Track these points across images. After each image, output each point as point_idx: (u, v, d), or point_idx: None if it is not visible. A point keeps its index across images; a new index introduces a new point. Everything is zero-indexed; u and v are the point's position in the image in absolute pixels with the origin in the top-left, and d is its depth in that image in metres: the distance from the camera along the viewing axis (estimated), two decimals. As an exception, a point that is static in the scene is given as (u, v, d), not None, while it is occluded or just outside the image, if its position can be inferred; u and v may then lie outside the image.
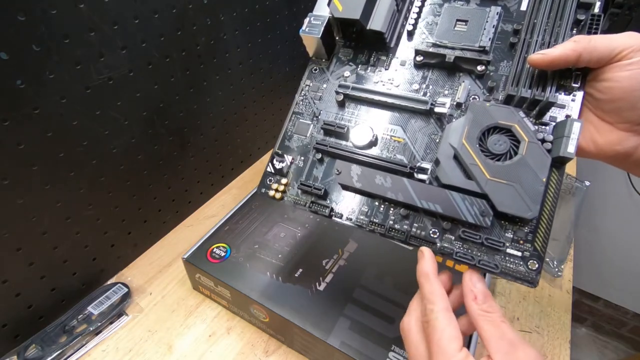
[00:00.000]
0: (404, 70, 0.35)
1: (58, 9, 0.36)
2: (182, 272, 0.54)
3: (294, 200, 0.35)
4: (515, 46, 0.32)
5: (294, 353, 0.45)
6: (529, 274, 0.28)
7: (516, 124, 0.29)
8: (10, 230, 0.40)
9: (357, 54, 0.37)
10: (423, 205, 0.30)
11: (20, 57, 0.35)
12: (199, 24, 0.51)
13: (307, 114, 0.37)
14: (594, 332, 1.26)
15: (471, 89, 0.32)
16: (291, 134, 0.37)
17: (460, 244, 0.30)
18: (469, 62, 0.32)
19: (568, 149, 0.27)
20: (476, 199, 0.29)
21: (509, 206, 0.28)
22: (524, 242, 0.28)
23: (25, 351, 0.43)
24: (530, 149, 0.28)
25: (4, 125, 0.36)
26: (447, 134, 0.30)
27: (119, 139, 0.47)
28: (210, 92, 0.58)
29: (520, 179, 0.28)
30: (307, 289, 0.44)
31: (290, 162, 0.36)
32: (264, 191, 0.37)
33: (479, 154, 0.29)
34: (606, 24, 0.68)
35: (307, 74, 0.38)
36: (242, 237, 0.50)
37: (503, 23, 0.33)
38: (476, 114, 0.30)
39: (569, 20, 0.30)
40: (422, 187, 0.30)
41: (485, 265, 0.28)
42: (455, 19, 0.34)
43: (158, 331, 0.48)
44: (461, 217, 0.29)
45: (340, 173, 0.32)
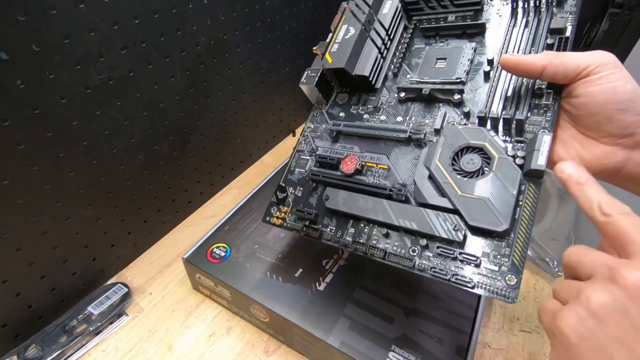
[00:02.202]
0: (389, 107, 0.39)
1: (58, 9, 0.36)
2: (182, 272, 0.54)
3: (291, 225, 0.39)
4: (490, 74, 0.34)
5: (294, 353, 0.45)
6: (507, 289, 0.28)
7: (487, 142, 0.31)
8: (10, 230, 0.40)
9: (351, 97, 0.42)
10: (400, 223, 0.32)
11: (20, 57, 0.35)
12: (199, 24, 0.51)
13: (307, 151, 0.42)
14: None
15: (449, 115, 0.35)
16: (294, 168, 0.41)
17: (437, 260, 0.30)
18: (445, 92, 0.35)
19: (538, 161, 0.28)
20: (449, 214, 0.30)
21: (479, 220, 0.29)
22: (501, 256, 0.28)
23: (25, 351, 0.43)
24: (500, 165, 0.29)
25: (4, 125, 0.36)
26: (423, 157, 0.33)
27: (119, 139, 0.47)
28: (210, 92, 0.58)
29: (491, 193, 0.29)
30: (307, 289, 0.44)
31: (290, 193, 0.40)
32: (268, 219, 0.41)
33: (452, 172, 0.31)
34: (606, 24, 0.68)
35: (309, 118, 0.43)
36: (242, 237, 0.50)
37: (479, 56, 0.36)
38: (449, 136, 0.32)
39: (541, 45, 0.33)
40: (399, 207, 0.32)
41: (459, 280, 0.29)
42: (436, 58, 0.38)
43: (158, 331, 0.48)
44: (435, 233, 0.30)
45: (328, 199, 0.36)
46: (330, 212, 0.36)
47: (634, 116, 0.26)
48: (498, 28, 0.36)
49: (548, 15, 0.34)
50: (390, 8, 0.40)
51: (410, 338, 0.39)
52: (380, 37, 0.39)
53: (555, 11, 0.34)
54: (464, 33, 0.38)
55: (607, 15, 0.67)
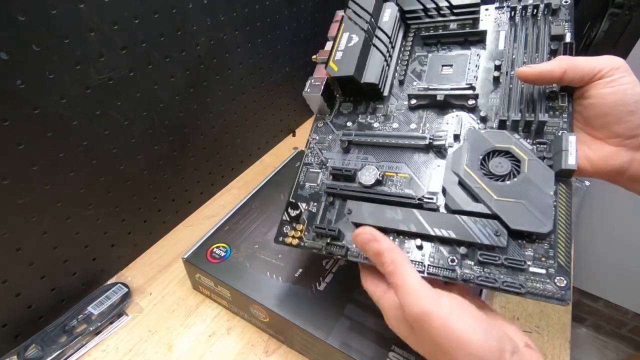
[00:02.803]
0: (400, 114, 0.38)
1: (58, 9, 0.36)
2: (182, 272, 0.54)
3: (311, 244, 0.36)
4: (500, 79, 0.35)
5: (294, 353, 0.45)
6: (558, 291, 0.27)
7: (513, 145, 0.30)
8: (10, 230, 0.40)
9: (356, 106, 0.40)
10: (436, 233, 0.30)
11: (20, 57, 0.35)
12: (199, 24, 0.51)
13: (315, 164, 0.39)
14: (594, 332, 1.26)
15: (466, 121, 0.35)
16: (303, 183, 0.39)
17: (480, 268, 0.29)
18: (459, 98, 0.35)
19: (569, 161, 0.28)
20: (487, 220, 0.29)
21: (521, 223, 0.28)
22: (546, 258, 0.28)
23: (25, 351, 0.43)
24: (531, 166, 0.29)
25: (4, 125, 0.36)
26: (450, 163, 0.32)
27: (119, 139, 0.47)
28: (210, 92, 0.58)
29: (527, 195, 0.28)
30: (307, 289, 0.44)
31: (304, 209, 0.37)
32: (281, 239, 0.37)
33: (482, 177, 0.30)
34: (606, 24, 0.68)
35: (313, 129, 0.41)
36: (242, 237, 0.50)
37: (485, 62, 0.36)
38: (473, 141, 0.32)
39: (545, 51, 0.34)
40: (432, 215, 0.31)
41: (510, 286, 0.28)
42: (441, 64, 0.38)
43: (158, 331, 0.48)
44: (476, 240, 0.29)
45: (351, 212, 0.34)
46: (352, 227, 0.34)
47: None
48: (498, 35, 0.37)
49: (546, 23, 0.35)
50: (390, 16, 0.40)
51: (410, 338, 0.39)
52: (383, 44, 0.39)
53: (550, 19, 0.35)
54: (466, 40, 0.38)
55: (607, 15, 0.67)
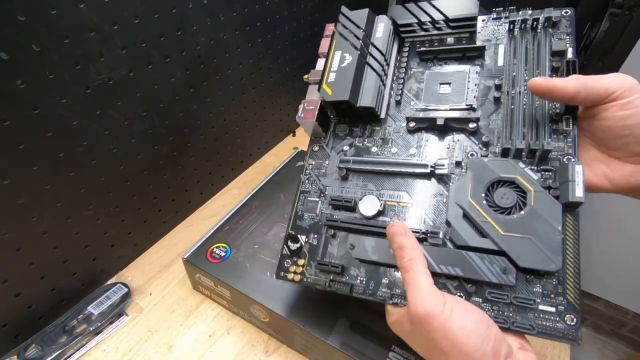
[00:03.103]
0: (398, 138, 0.36)
1: (58, 9, 0.36)
2: (182, 272, 0.54)
3: (314, 280, 0.35)
4: (501, 99, 0.33)
5: (294, 353, 0.45)
6: (568, 330, 0.26)
7: (518, 175, 0.29)
8: (10, 230, 0.40)
9: (352, 128, 0.39)
10: (442, 271, 0.29)
11: (20, 57, 0.35)
12: (199, 24, 0.51)
13: (313, 192, 0.38)
14: (594, 332, 1.26)
15: (467, 145, 0.33)
16: (301, 213, 0.37)
17: (488, 306, 0.28)
18: (459, 121, 0.34)
19: (576, 193, 0.27)
20: (495, 256, 0.28)
21: (530, 260, 0.27)
22: (555, 295, 0.27)
23: (25, 351, 0.43)
24: (538, 198, 0.28)
25: (4, 125, 0.36)
26: (453, 195, 0.31)
27: (119, 139, 0.47)
28: (210, 92, 0.58)
29: (535, 230, 0.27)
30: (307, 289, 0.44)
31: (304, 242, 0.36)
32: (283, 275, 0.36)
33: (488, 210, 0.29)
34: (606, 24, 0.68)
35: (308, 153, 0.39)
36: (242, 237, 0.50)
37: (484, 80, 0.35)
38: (477, 170, 0.30)
39: (546, 68, 0.32)
40: (438, 251, 0.30)
41: (521, 327, 0.27)
42: (439, 83, 0.36)
43: (158, 331, 0.48)
44: (484, 278, 0.28)
45: (354, 248, 0.32)
46: (356, 261, 0.33)
47: None
48: (497, 49, 0.36)
49: (546, 37, 0.33)
50: (383, 31, 0.38)
51: (410, 338, 0.39)
52: (378, 63, 0.37)
53: (551, 32, 0.34)
54: (464, 56, 0.36)
55: (607, 15, 0.67)
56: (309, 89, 0.39)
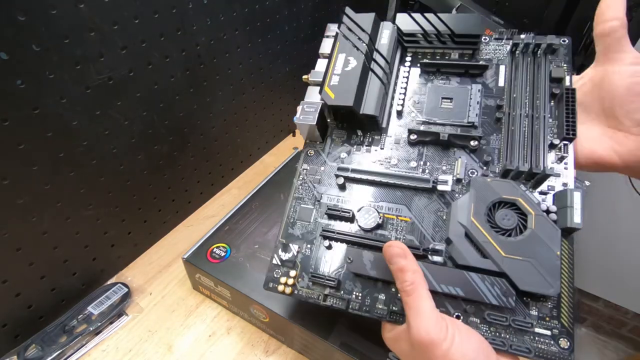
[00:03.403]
0: (399, 149, 0.36)
1: (58, 9, 0.36)
2: (182, 272, 0.54)
3: (306, 293, 0.33)
4: (501, 120, 0.34)
5: (294, 353, 0.45)
6: (562, 353, 0.27)
7: (520, 197, 0.29)
8: (10, 230, 0.40)
9: (350, 135, 0.38)
10: (443, 290, 0.29)
11: (20, 57, 0.35)
12: (199, 24, 0.51)
13: (307, 199, 0.36)
14: (594, 332, 1.26)
15: (468, 163, 0.33)
16: (294, 220, 0.36)
17: (486, 327, 0.29)
18: (462, 138, 0.33)
19: (574, 219, 0.27)
20: (495, 278, 0.28)
21: (530, 284, 0.27)
22: (550, 318, 0.28)
23: (25, 351, 0.43)
24: (538, 222, 0.28)
25: (4, 125, 0.36)
26: (455, 212, 0.30)
27: (119, 139, 0.47)
28: (210, 92, 0.58)
29: (535, 253, 0.28)
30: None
31: (296, 252, 0.34)
32: (272, 286, 0.34)
33: (490, 230, 0.29)
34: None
35: (302, 157, 0.38)
36: (242, 237, 0.50)
37: (485, 98, 0.35)
38: (479, 190, 0.30)
39: (546, 93, 0.32)
40: (438, 270, 0.30)
41: (518, 349, 0.27)
42: (441, 97, 0.36)
43: (158, 331, 0.48)
44: (484, 300, 0.28)
45: (352, 261, 0.31)
46: (352, 275, 0.32)
47: None
48: (498, 69, 0.36)
49: (546, 62, 0.34)
50: (388, 38, 0.37)
51: (410, 338, 0.39)
52: (383, 71, 0.36)
53: (550, 58, 0.34)
54: (466, 72, 0.36)
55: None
56: (308, 90, 0.37)
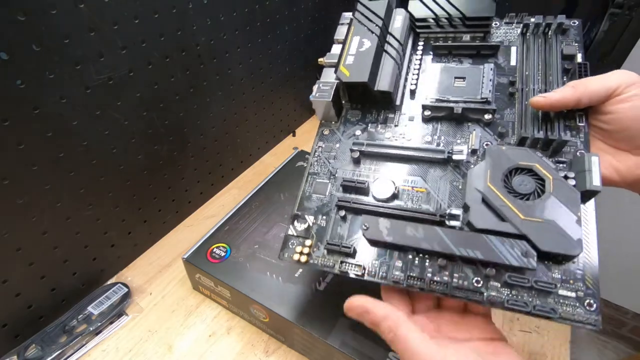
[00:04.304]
0: (413, 125, 0.36)
1: (58, 9, 0.36)
2: (182, 272, 0.54)
3: (322, 262, 0.33)
4: (515, 95, 0.34)
5: (294, 353, 0.45)
6: (589, 315, 0.26)
7: (537, 163, 0.29)
8: (10, 230, 0.40)
9: (365, 114, 0.38)
10: (462, 253, 0.28)
11: (20, 57, 0.35)
12: (199, 24, 0.51)
13: (323, 174, 0.37)
14: (594, 332, 1.26)
15: (482, 136, 0.34)
16: (309, 194, 0.36)
17: (507, 290, 0.28)
18: (476, 112, 0.34)
19: (594, 182, 0.27)
20: (515, 240, 0.28)
21: (551, 245, 0.27)
22: (574, 281, 0.27)
23: (25, 351, 0.43)
24: (556, 186, 0.28)
25: (4, 125, 0.36)
26: (471, 180, 0.30)
27: (119, 139, 0.47)
28: (210, 92, 0.58)
29: (555, 215, 0.27)
30: (307, 289, 0.44)
31: (312, 223, 0.35)
32: (287, 256, 0.34)
33: (507, 195, 0.29)
34: (606, 24, 0.68)
35: (318, 136, 0.39)
36: (242, 237, 0.50)
37: (498, 77, 0.36)
38: (495, 157, 0.30)
39: (558, 69, 0.33)
40: (456, 234, 0.29)
41: (541, 310, 0.27)
42: (453, 77, 0.37)
43: (158, 331, 0.48)
44: (504, 261, 0.27)
45: (368, 228, 0.31)
46: (368, 244, 0.32)
47: None
48: (509, 51, 0.37)
49: (556, 42, 0.35)
50: (401, 23, 0.38)
51: (410, 338, 0.39)
52: (396, 51, 0.37)
53: (560, 38, 0.35)
54: (478, 53, 0.37)
55: (607, 15, 0.67)
56: (324, 71, 0.39)
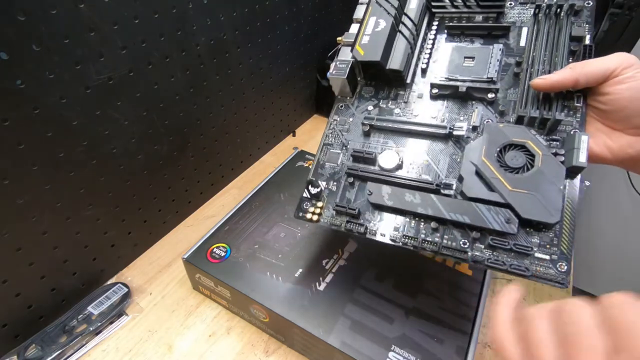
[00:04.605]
0: (421, 102, 0.39)
1: (58, 9, 0.36)
2: (182, 272, 0.54)
3: (330, 221, 0.37)
4: (519, 76, 0.36)
5: (294, 353, 0.45)
6: (559, 275, 0.29)
7: (529, 140, 0.32)
8: (10, 230, 0.40)
9: (378, 91, 0.41)
10: (452, 217, 0.32)
11: (20, 57, 0.35)
12: (199, 24, 0.51)
13: (336, 145, 0.40)
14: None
15: (484, 113, 0.36)
16: (323, 162, 0.40)
17: (490, 251, 0.31)
18: (479, 91, 0.36)
19: (580, 158, 0.30)
20: (500, 208, 0.31)
21: (532, 213, 0.30)
22: (551, 246, 0.30)
23: (25, 351, 0.43)
24: (545, 161, 0.31)
25: (4, 125, 0.36)
26: (467, 154, 0.33)
27: (119, 139, 0.47)
28: (210, 92, 0.58)
29: (539, 187, 0.30)
30: (307, 289, 0.44)
31: (324, 188, 0.39)
32: (301, 215, 0.38)
33: (499, 168, 0.32)
34: (606, 24, 0.68)
35: (334, 110, 0.42)
36: (242, 237, 0.50)
37: (506, 57, 0.38)
38: (492, 134, 0.33)
39: (565, 51, 0.35)
40: (449, 201, 0.33)
41: (516, 269, 0.30)
42: (463, 56, 0.38)
43: (158, 331, 0.48)
44: (488, 226, 0.31)
45: (372, 194, 0.35)
46: (371, 207, 0.36)
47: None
48: (520, 31, 0.38)
49: (567, 23, 0.36)
50: (417, 3, 0.40)
51: (410, 338, 0.39)
52: (410, 31, 0.39)
53: (572, 20, 0.36)
54: (489, 34, 0.39)
55: (607, 15, 0.67)
56: (341, 50, 0.41)
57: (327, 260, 0.47)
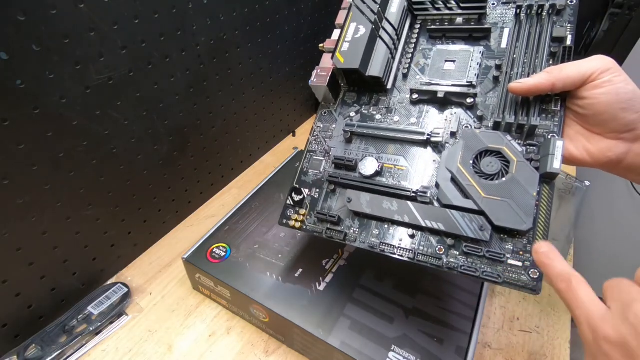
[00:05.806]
0: (401, 108, 0.39)
1: (58, 9, 0.36)
2: (182, 272, 0.54)
3: (312, 228, 0.38)
4: (499, 79, 0.36)
5: (294, 353, 0.45)
6: (531, 282, 0.29)
7: (504, 146, 0.32)
8: (10, 230, 0.40)
9: (360, 97, 0.41)
10: (427, 225, 0.32)
11: (20, 57, 0.35)
12: (199, 24, 0.51)
13: (319, 152, 0.41)
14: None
15: (463, 118, 0.36)
16: (307, 170, 0.41)
17: (464, 258, 0.32)
18: (458, 96, 0.36)
19: (554, 165, 0.30)
20: (474, 215, 0.31)
21: (505, 220, 0.30)
22: (524, 252, 0.30)
23: (25, 351, 0.43)
24: (519, 168, 0.31)
25: (4, 125, 0.36)
26: (444, 160, 0.34)
27: (119, 139, 0.47)
28: (210, 92, 0.58)
29: (512, 195, 0.30)
30: (307, 289, 0.44)
31: (306, 195, 0.39)
32: (285, 222, 0.39)
33: (474, 175, 0.32)
34: (606, 24, 0.68)
35: (318, 117, 0.42)
36: (242, 237, 0.50)
37: (486, 59, 0.37)
38: (468, 140, 0.33)
39: (545, 53, 0.34)
40: (425, 208, 0.33)
41: (489, 276, 0.30)
42: (444, 59, 0.38)
43: (158, 331, 0.48)
44: (462, 233, 0.31)
45: (351, 201, 0.36)
46: (352, 214, 0.37)
47: (634, 114, 0.29)
48: (502, 32, 0.37)
49: (549, 24, 0.35)
50: (398, 7, 0.40)
51: (410, 338, 0.39)
52: (390, 37, 0.39)
53: (555, 19, 0.35)
54: (470, 36, 0.38)
55: (607, 15, 0.67)
56: (324, 57, 0.41)
57: (327, 260, 0.47)
